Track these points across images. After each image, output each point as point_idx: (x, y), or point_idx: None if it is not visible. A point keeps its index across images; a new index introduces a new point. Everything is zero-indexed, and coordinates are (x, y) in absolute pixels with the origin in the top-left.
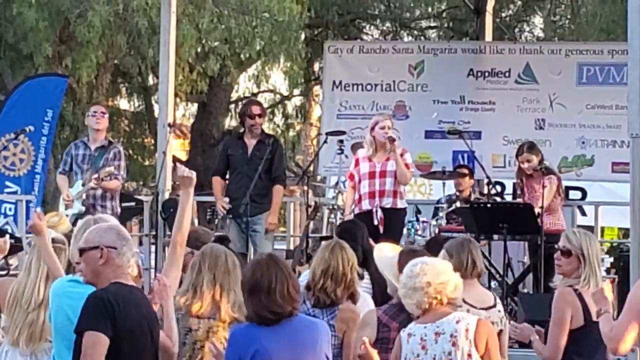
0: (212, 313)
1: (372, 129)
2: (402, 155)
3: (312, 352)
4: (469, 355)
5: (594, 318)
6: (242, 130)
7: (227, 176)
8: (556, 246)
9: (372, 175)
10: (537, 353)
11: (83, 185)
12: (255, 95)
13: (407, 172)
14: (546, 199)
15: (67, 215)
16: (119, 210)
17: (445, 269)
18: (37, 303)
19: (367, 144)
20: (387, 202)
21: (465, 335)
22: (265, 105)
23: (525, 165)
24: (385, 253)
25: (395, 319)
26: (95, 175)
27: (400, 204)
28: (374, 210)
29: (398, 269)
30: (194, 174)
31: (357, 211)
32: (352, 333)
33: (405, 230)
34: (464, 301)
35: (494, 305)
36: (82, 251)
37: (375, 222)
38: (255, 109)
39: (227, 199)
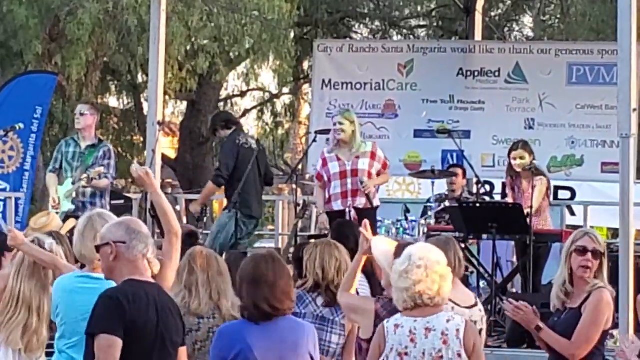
0: (211, 313)
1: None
2: (373, 155)
3: (297, 353)
4: (459, 355)
5: None
6: None
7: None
8: (579, 247)
9: (343, 175)
10: (548, 343)
11: (73, 183)
12: (244, 93)
13: (387, 179)
14: (536, 200)
15: (56, 213)
16: (108, 208)
17: (437, 267)
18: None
19: (331, 142)
20: (361, 202)
21: (456, 335)
22: (255, 104)
23: (517, 162)
24: (381, 247)
25: (392, 314)
26: (85, 176)
27: (375, 203)
28: (347, 210)
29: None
30: (147, 169)
31: (327, 211)
32: (356, 330)
33: (393, 229)
34: (449, 299)
35: (475, 304)
36: (97, 249)
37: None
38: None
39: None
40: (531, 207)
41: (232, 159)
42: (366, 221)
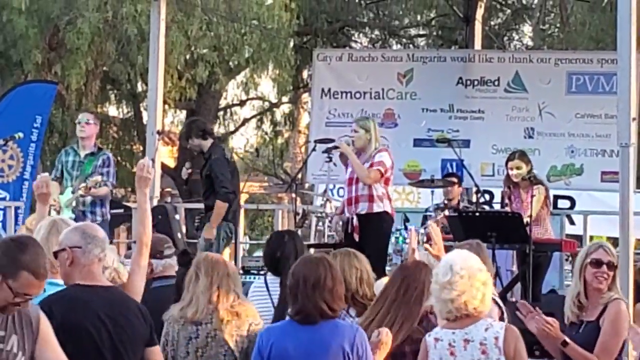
0: (209, 317)
1: None
2: (372, 164)
3: (332, 354)
4: None
5: None
6: None
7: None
8: (593, 260)
9: (350, 181)
10: (572, 358)
11: (73, 192)
12: (243, 102)
13: (363, 171)
14: (534, 209)
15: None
16: (108, 216)
17: (479, 275)
18: None
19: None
20: (362, 208)
21: (495, 343)
22: (254, 113)
23: (514, 172)
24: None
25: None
26: (84, 185)
27: (378, 208)
28: (350, 217)
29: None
30: (151, 175)
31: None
32: None
33: (392, 239)
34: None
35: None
36: (55, 255)
37: (349, 230)
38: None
39: (188, 163)
40: (530, 216)
41: (229, 174)
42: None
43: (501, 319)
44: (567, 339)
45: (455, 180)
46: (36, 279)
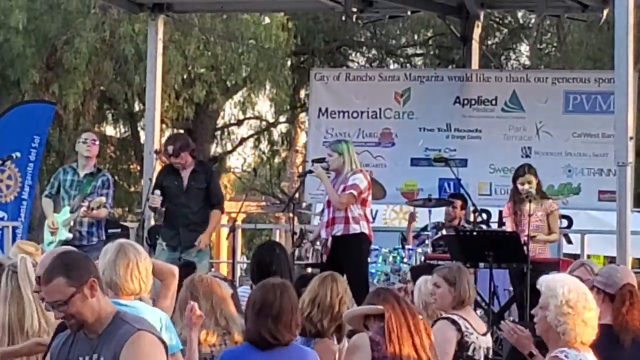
0: (222, 339)
1: None
2: (345, 187)
3: None
4: None
5: None
6: None
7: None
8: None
9: (329, 203)
10: None
11: (71, 212)
12: (241, 122)
13: (334, 196)
14: (555, 226)
15: (52, 243)
16: (104, 237)
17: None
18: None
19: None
20: (338, 230)
21: None
22: (251, 132)
23: (526, 186)
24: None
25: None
26: (86, 204)
27: (355, 230)
28: (328, 239)
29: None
30: (203, 317)
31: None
32: None
33: (390, 258)
34: (473, 328)
35: (487, 331)
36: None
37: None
38: (169, 149)
39: (158, 192)
40: (528, 236)
41: None
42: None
43: (460, 342)
44: (534, 351)
45: (458, 203)
46: None
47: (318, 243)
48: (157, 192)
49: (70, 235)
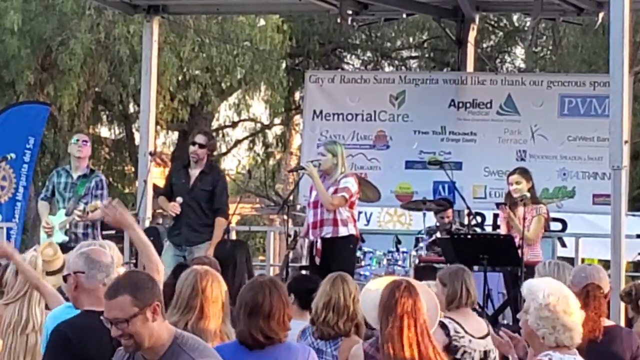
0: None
1: None
2: (336, 190)
3: None
4: None
5: None
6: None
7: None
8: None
9: (315, 204)
10: None
11: (66, 214)
12: (235, 123)
13: (326, 197)
14: (533, 230)
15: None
16: (100, 238)
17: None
18: (34, 327)
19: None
20: (327, 232)
21: None
22: (246, 134)
23: (514, 186)
24: (369, 287)
25: (379, 350)
26: (81, 208)
27: (344, 232)
28: (315, 241)
29: (379, 303)
30: (118, 207)
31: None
32: None
33: (385, 261)
34: (465, 331)
35: (489, 333)
36: (64, 279)
37: (314, 253)
38: (199, 138)
39: (179, 199)
40: (523, 236)
41: None
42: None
43: (447, 346)
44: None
45: (449, 210)
46: None
47: (306, 242)
48: (179, 199)
49: (67, 238)
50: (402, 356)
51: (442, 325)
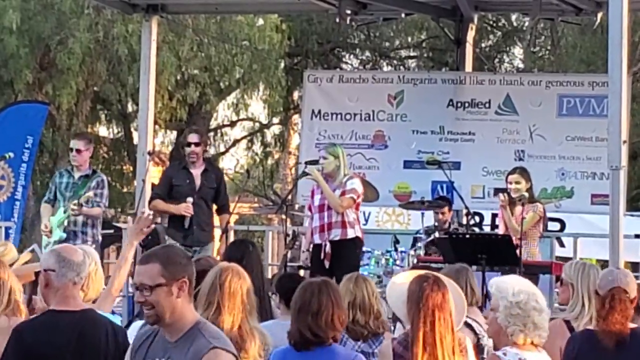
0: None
1: None
2: (344, 192)
3: None
4: None
5: None
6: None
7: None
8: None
9: (321, 208)
10: None
11: (65, 212)
12: (234, 123)
13: (335, 199)
14: (525, 223)
15: (48, 244)
16: (99, 238)
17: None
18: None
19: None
20: (336, 235)
21: None
22: (245, 134)
23: (513, 186)
24: (395, 280)
25: (408, 349)
26: (75, 201)
27: (351, 234)
28: (323, 244)
29: (408, 298)
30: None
31: (311, 245)
32: None
33: (383, 260)
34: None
35: None
36: (36, 277)
37: (322, 257)
38: (192, 138)
39: (190, 199)
40: (520, 238)
41: None
42: None
43: (476, 346)
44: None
45: (444, 204)
46: None
47: (310, 247)
48: (190, 199)
49: (64, 235)
50: (433, 352)
51: (467, 324)
